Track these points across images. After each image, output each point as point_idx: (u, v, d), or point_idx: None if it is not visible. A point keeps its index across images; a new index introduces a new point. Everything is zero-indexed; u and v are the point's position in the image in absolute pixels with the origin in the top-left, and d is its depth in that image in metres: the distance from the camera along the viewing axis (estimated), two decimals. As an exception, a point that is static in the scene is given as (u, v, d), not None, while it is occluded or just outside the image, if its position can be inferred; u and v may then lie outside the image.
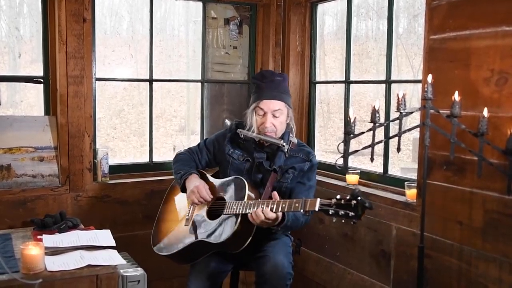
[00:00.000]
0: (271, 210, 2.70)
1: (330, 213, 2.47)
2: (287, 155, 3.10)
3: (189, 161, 3.28)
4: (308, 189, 3.12)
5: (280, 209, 2.69)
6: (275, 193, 2.81)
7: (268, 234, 3.11)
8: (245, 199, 2.88)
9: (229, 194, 3.03)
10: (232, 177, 3.09)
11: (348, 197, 2.45)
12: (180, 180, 3.16)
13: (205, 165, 3.35)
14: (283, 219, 2.81)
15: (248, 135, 3.14)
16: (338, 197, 2.48)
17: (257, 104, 3.09)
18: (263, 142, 3.15)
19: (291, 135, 3.18)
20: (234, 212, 2.87)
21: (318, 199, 2.55)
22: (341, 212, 2.44)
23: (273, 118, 3.07)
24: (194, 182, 3.10)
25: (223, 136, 3.32)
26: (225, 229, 2.87)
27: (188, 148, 3.41)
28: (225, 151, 3.23)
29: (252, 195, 2.95)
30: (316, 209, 2.52)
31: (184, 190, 3.16)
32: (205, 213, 3.06)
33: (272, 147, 3.14)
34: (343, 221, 2.46)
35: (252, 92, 3.21)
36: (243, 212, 2.81)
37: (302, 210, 2.60)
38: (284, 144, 3.07)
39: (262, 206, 2.73)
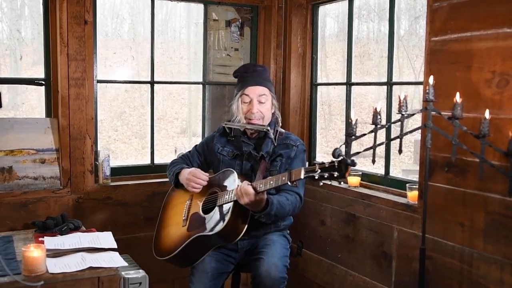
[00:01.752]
0: (259, 188, 2.74)
1: (316, 177, 2.49)
2: (275, 143, 3.13)
3: (181, 163, 3.34)
4: None
5: (268, 186, 2.72)
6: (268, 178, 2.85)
7: (265, 234, 3.12)
8: (236, 187, 2.91)
9: (221, 187, 3.07)
10: (222, 170, 3.15)
11: (330, 160, 2.47)
12: (173, 176, 3.23)
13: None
14: (266, 206, 2.83)
15: (233, 126, 3.20)
16: (321, 161, 2.51)
17: (242, 91, 3.15)
18: (250, 133, 3.20)
19: (277, 125, 3.22)
20: (227, 201, 2.91)
21: (303, 168, 2.58)
22: (326, 175, 2.46)
23: (259, 104, 3.13)
24: (187, 171, 3.17)
25: (211, 137, 3.38)
26: (220, 219, 2.90)
27: (181, 155, 3.49)
28: (215, 150, 3.28)
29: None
30: (302, 176, 2.55)
31: (177, 185, 3.23)
32: (200, 210, 3.08)
33: (260, 137, 3.18)
34: (329, 182, 2.48)
35: (235, 85, 3.27)
36: (234, 199, 2.85)
37: (289, 182, 2.63)
38: (269, 128, 3.10)
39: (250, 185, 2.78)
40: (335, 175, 2.44)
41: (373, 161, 2.59)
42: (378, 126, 2.54)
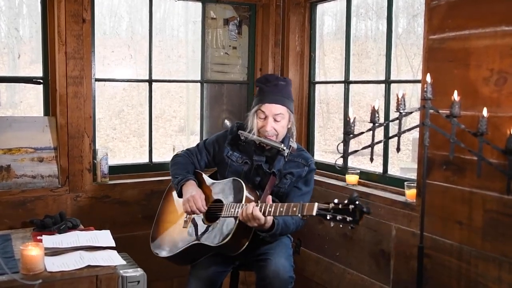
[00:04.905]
0: (269, 213, 2.68)
1: (328, 218, 2.45)
2: (286, 160, 3.08)
3: (186, 165, 3.25)
4: (302, 194, 3.09)
5: (278, 213, 2.66)
6: (269, 197, 2.78)
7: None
8: (243, 202, 2.85)
9: (226, 196, 3.01)
10: (230, 179, 3.07)
11: (346, 202, 2.42)
12: (177, 186, 3.13)
13: (204, 166, 3.34)
14: (272, 227, 2.79)
15: (249, 137, 3.11)
16: (335, 201, 2.46)
17: (259, 107, 3.05)
18: (263, 145, 3.12)
19: (291, 140, 3.16)
20: (232, 215, 2.85)
21: (316, 204, 2.52)
22: (339, 217, 2.42)
23: (274, 122, 3.04)
24: (190, 190, 3.06)
25: (223, 137, 3.29)
26: (223, 232, 2.85)
27: (187, 149, 3.37)
28: (224, 153, 3.21)
29: (251, 197, 2.92)
30: (314, 213, 2.49)
31: (181, 195, 3.14)
32: (203, 215, 3.05)
33: (272, 151, 3.11)
34: (341, 226, 2.44)
35: (255, 96, 3.18)
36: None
37: (299, 215, 2.57)
38: (285, 148, 3.04)
39: (258, 207, 2.71)
40: (348, 220, 2.41)
41: (371, 159, 2.59)
42: (376, 124, 2.54)
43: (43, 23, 3.62)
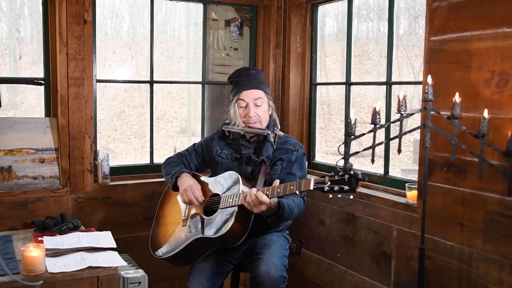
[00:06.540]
0: (267, 195, 2.72)
1: (326, 189, 2.48)
2: (274, 147, 3.12)
3: (179, 163, 3.33)
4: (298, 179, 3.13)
5: (275, 194, 2.70)
6: (276, 181, 2.82)
7: (264, 234, 3.12)
8: (240, 191, 2.90)
9: (223, 189, 3.05)
10: (225, 172, 3.12)
11: (341, 173, 2.46)
12: (172, 179, 3.19)
13: (195, 169, 3.39)
14: (278, 210, 2.82)
15: (233, 130, 3.18)
16: (331, 173, 2.50)
17: (238, 96, 3.14)
18: (249, 137, 3.19)
19: (276, 128, 3.21)
20: (230, 205, 2.89)
21: (312, 178, 2.56)
22: (336, 188, 2.46)
23: (256, 107, 3.13)
24: (187, 181, 3.13)
25: (211, 139, 3.37)
26: (223, 223, 2.88)
27: (178, 153, 3.46)
28: (213, 152, 3.27)
29: (247, 187, 2.96)
30: (311, 188, 2.53)
31: (175, 188, 3.18)
32: (201, 211, 3.08)
33: (259, 141, 3.18)
34: (339, 196, 2.47)
35: (231, 91, 3.27)
36: (239, 203, 2.84)
37: (297, 192, 2.62)
38: (269, 132, 3.10)
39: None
40: (345, 189, 2.44)
41: (372, 161, 2.59)
42: (377, 125, 2.54)
43: (44, 24, 3.63)
